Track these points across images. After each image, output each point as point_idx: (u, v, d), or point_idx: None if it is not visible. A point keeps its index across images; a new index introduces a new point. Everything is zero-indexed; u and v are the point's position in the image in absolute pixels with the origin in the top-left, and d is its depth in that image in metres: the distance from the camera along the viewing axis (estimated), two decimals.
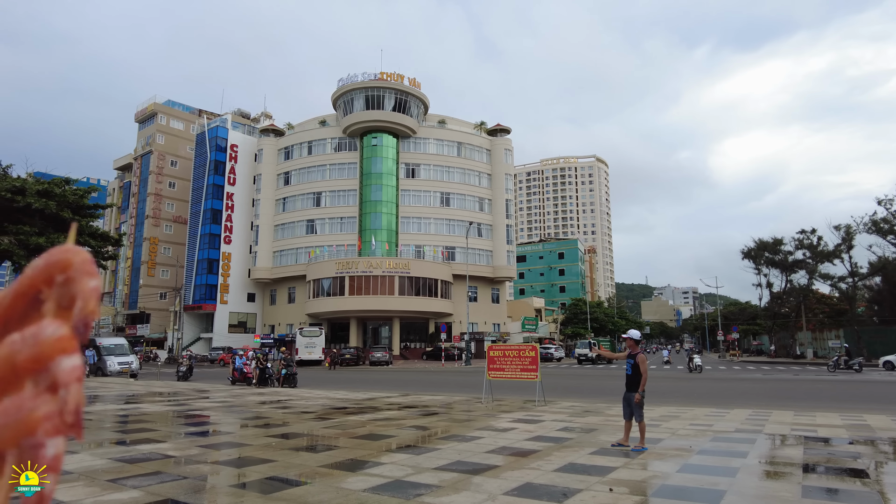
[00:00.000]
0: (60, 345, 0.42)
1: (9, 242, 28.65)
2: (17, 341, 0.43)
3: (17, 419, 0.41)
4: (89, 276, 0.46)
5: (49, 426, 0.41)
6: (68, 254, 0.46)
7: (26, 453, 0.42)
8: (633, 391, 9.74)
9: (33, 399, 0.42)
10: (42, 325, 0.43)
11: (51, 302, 0.45)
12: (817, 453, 9.25)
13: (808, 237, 60.33)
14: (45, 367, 0.42)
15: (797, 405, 16.81)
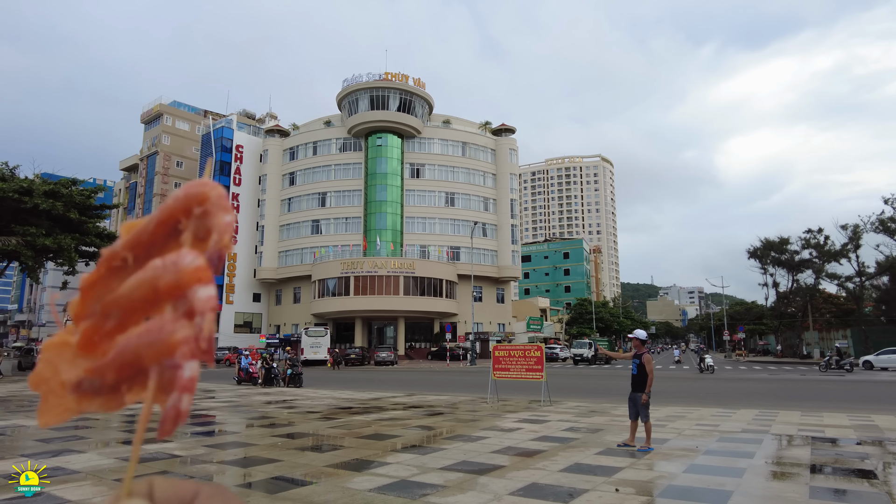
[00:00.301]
0: (197, 274, 0.45)
1: (16, 243, 28.77)
2: (159, 266, 0.45)
3: (159, 339, 0.44)
4: (225, 211, 0.48)
5: (186, 349, 0.43)
6: (205, 187, 0.48)
7: (166, 372, 0.43)
8: (639, 391, 9.71)
9: (173, 322, 0.44)
10: (181, 254, 0.46)
11: (188, 232, 0.47)
12: (825, 454, 9.20)
13: (815, 236, 60.04)
14: (183, 293, 0.44)
15: (804, 405, 16.73)
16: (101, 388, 0.47)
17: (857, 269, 57.28)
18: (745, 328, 75.94)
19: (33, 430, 11.88)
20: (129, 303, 0.47)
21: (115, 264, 0.49)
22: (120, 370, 0.46)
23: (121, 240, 0.50)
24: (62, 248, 31.05)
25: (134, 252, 0.49)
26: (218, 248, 0.48)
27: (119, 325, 0.47)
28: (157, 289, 0.45)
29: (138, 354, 0.45)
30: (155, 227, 0.49)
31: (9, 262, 33.44)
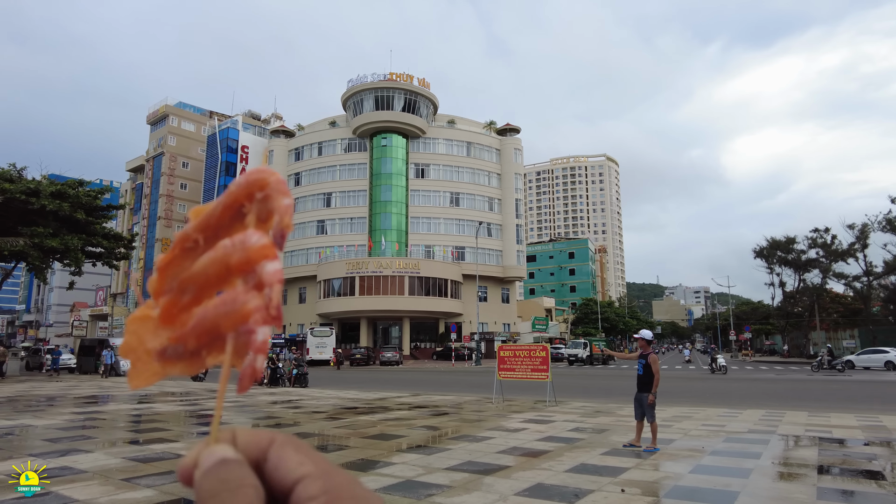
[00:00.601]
0: (264, 252, 0.50)
1: (24, 244, 28.91)
2: (229, 246, 0.51)
3: (234, 309, 0.49)
4: (284, 195, 0.52)
5: (258, 317, 0.49)
6: (265, 174, 0.52)
7: (241, 337, 0.49)
8: (645, 391, 9.69)
9: (245, 294, 0.49)
10: (248, 234, 0.51)
11: (251, 215, 0.52)
12: (832, 454, 9.16)
13: (822, 236, 59.69)
14: (252, 269, 0.49)
15: (811, 406, 16.66)
16: (183, 353, 0.53)
17: (865, 269, 56.92)
18: (751, 328, 75.51)
19: (41, 429, 11.95)
20: (203, 279, 0.52)
21: (187, 245, 0.55)
22: (199, 337, 0.51)
23: (191, 223, 0.55)
24: (69, 249, 31.19)
25: (204, 234, 0.54)
26: (280, 227, 0.52)
27: (194, 298, 0.53)
28: (228, 265, 0.51)
29: (216, 323, 0.50)
30: (221, 211, 0.54)
31: (16, 263, 33.62)
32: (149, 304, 0.56)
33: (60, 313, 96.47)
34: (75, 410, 15.62)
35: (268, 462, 0.46)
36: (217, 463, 0.45)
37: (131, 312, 0.49)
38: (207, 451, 0.46)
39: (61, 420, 13.45)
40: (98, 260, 35.85)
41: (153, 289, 0.56)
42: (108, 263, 36.69)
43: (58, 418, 13.76)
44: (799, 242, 61.88)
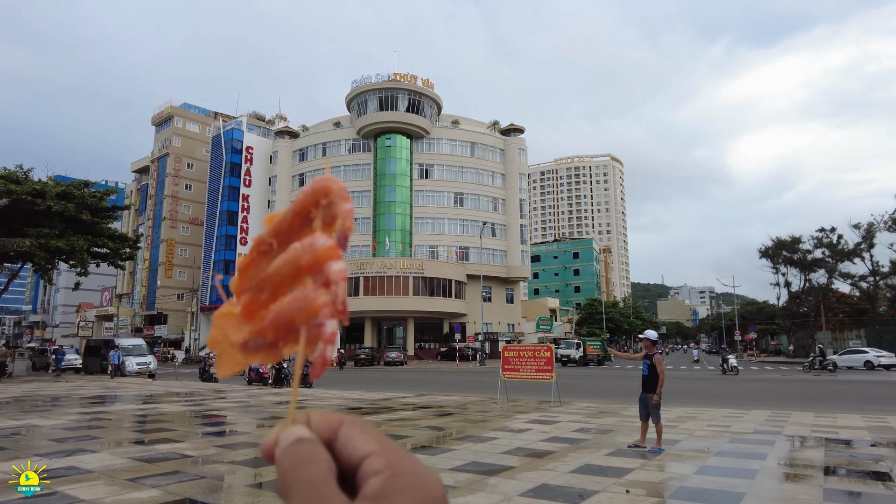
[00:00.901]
0: (330, 253, 0.55)
1: (30, 244, 29.03)
2: (299, 248, 0.57)
3: (306, 304, 0.55)
4: (345, 200, 0.59)
5: (326, 311, 0.54)
6: (328, 182, 0.59)
7: (312, 329, 0.55)
8: (650, 392, 9.66)
9: (314, 291, 0.55)
10: (315, 237, 0.57)
11: (318, 220, 0.59)
12: (839, 455, 9.11)
13: (828, 236, 59.48)
14: (320, 268, 0.55)
15: (818, 406, 16.59)
16: (263, 345, 0.59)
17: (871, 269, 56.70)
18: (756, 328, 75.28)
19: (47, 429, 12.00)
20: (278, 278, 0.58)
21: (263, 249, 0.61)
22: (276, 330, 0.58)
23: (266, 229, 0.62)
24: (74, 250, 31.31)
25: (277, 238, 0.61)
26: (343, 230, 0.58)
27: (271, 296, 0.60)
28: (299, 266, 0.57)
29: (291, 318, 0.56)
30: (292, 217, 0.60)
31: (23, 264, 33.77)
32: (231, 302, 0.62)
33: (66, 314, 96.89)
34: (81, 411, 15.67)
35: (338, 441, 0.51)
36: (295, 441, 0.50)
37: (136, 313, 0.54)
38: (286, 431, 0.52)
39: (67, 420, 13.50)
40: (103, 260, 35.96)
41: (235, 288, 0.62)
42: (113, 264, 36.82)
43: (64, 418, 13.81)
44: (804, 242, 61.72)
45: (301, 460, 0.48)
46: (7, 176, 30.89)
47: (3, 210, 28.25)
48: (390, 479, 0.48)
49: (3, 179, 29.99)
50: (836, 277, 60.10)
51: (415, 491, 0.48)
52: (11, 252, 29.68)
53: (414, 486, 0.48)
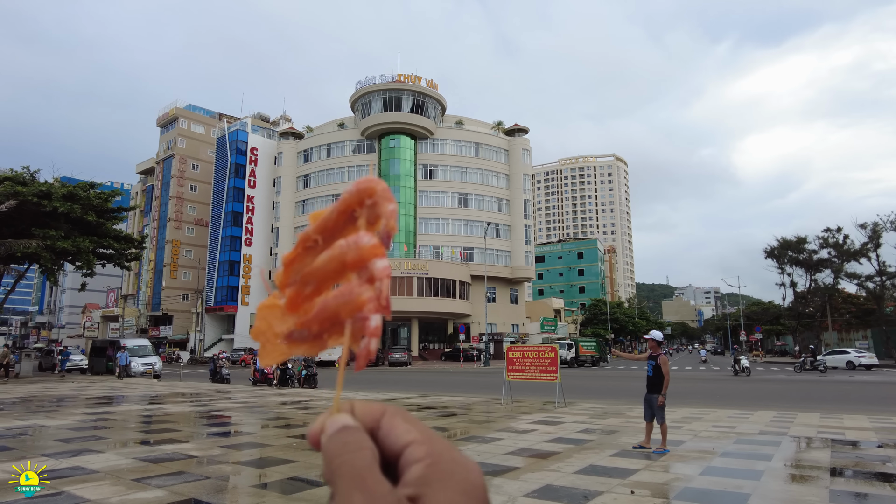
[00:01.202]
0: (374, 250, 0.58)
1: (36, 246, 29.19)
2: (344, 245, 0.60)
3: (351, 298, 0.57)
4: (389, 201, 0.61)
5: (371, 306, 0.56)
6: (372, 183, 0.62)
7: (357, 322, 0.57)
8: (655, 393, 9.64)
9: (359, 286, 0.58)
10: (360, 235, 0.60)
11: (362, 219, 0.61)
12: (845, 457, 9.07)
13: (834, 235, 59.21)
14: (365, 265, 0.58)
15: (824, 407, 16.51)
16: (307, 336, 0.62)
17: (878, 269, 56.37)
18: (761, 329, 74.95)
19: (53, 429, 12.05)
20: (323, 273, 0.61)
21: (308, 245, 0.64)
22: (322, 323, 0.60)
23: (311, 226, 0.64)
24: (80, 251, 31.46)
25: (322, 235, 0.63)
26: (386, 229, 0.60)
27: (315, 290, 0.62)
28: (344, 262, 0.59)
29: (336, 311, 0.59)
30: (336, 215, 0.62)
31: (29, 265, 33.94)
32: (275, 295, 0.65)
33: (72, 314, 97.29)
34: (87, 411, 15.73)
35: (380, 429, 0.53)
36: (341, 429, 0.52)
37: (142, 314, 0.55)
38: (332, 419, 0.54)
39: (73, 420, 13.56)
40: (109, 261, 36.12)
41: (279, 281, 0.65)
42: (118, 265, 36.98)
43: (70, 419, 13.87)
44: (810, 242, 61.46)
45: (347, 447, 0.50)
46: (14, 177, 31.07)
47: (9, 211, 28.41)
48: (432, 467, 0.49)
49: (10, 181, 30.17)
50: (842, 277, 59.81)
51: (456, 478, 0.49)
52: (18, 253, 29.85)
53: (455, 473, 0.49)
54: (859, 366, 41.90)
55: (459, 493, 0.48)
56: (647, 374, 9.89)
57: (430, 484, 0.48)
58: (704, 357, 59.76)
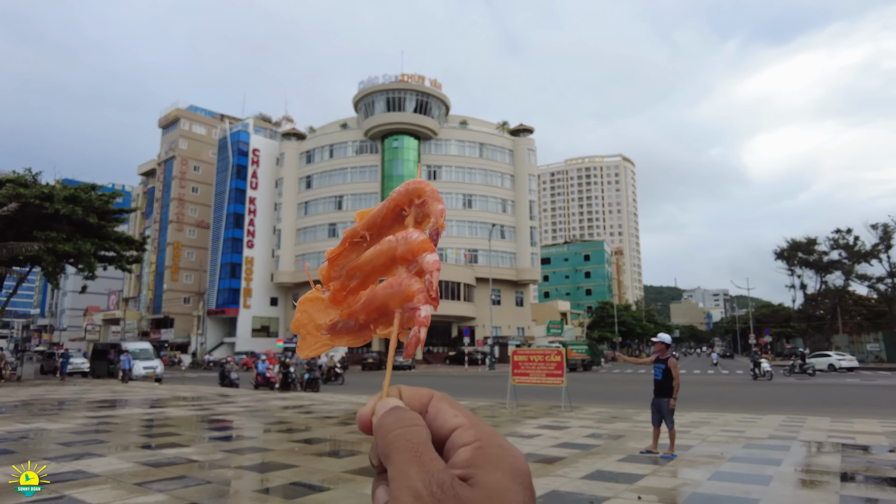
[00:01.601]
0: (424, 245, 0.62)
1: (38, 248, 29.21)
2: (393, 240, 0.64)
3: (401, 289, 0.61)
4: (438, 201, 0.65)
5: (421, 296, 0.60)
6: (421, 184, 0.66)
7: (407, 312, 0.60)
8: (663, 397, 9.51)
9: (409, 278, 0.61)
10: (409, 232, 0.64)
11: (410, 217, 0.66)
12: (856, 461, 8.93)
13: (844, 237, 58.88)
14: (414, 259, 0.62)
15: (834, 411, 16.35)
16: (353, 327, 0.66)
17: (889, 270, 55.97)
18: (771, 331, 74.58)
19: (55, 433, 11.98)
20: (370, 267, 0.65)
21: (355, 240, 0.68)
22: (370, 313, 0.64)
23: (359, 223, 0.68)
24: (82, 253, 31.48)
25: (370, 231, 0.67)
26: (436, 227, 0.64)
27: (361, 283, 0.67)
28: (393, 256, 0.63)
29: (385, 302, 0.62)
30: (385, 213, 0.67)
31: (31, 268, 33.96)
32: (317, 289, 0.69)
33: (74, 317, 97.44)
34: (88, 414, 15.67)
35: (427, 413, 0.55)
36: (393, 408, 0.54)
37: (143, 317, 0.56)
38: (382, 402, 0.56)
39: (75, 424, 13.49)
40: (110, 264, 36.11)
41: (324, 276, 0.69)
42: (120, 267, 36.97)
43: (71, 422, 13.80)
44: (820, 243, 61.14)
45: (403, 422, 0.51)
46: (16, 179, 31.13)
47: (12, 214, 28.43)
48: (480, 450, 0.51)
49: (13, 183, 30.22)
50: (852, 279, 59.45)
51: (503, 462, 0.50)
52: (20, 256, 29.88)
53: (502, 458, 0.51)
54: (840, 368, 43.80)
55: (508, 477, 0.49)
56: (655, 378, 9.75)
57: (480, 466, 0.49)
58: (716, 360, 59.48)
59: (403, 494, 0.46)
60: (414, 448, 0.49)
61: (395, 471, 0.48)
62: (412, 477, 0.47)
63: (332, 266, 0.68)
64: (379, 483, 0.53)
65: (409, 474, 0.47)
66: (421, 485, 0.46)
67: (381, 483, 0.52)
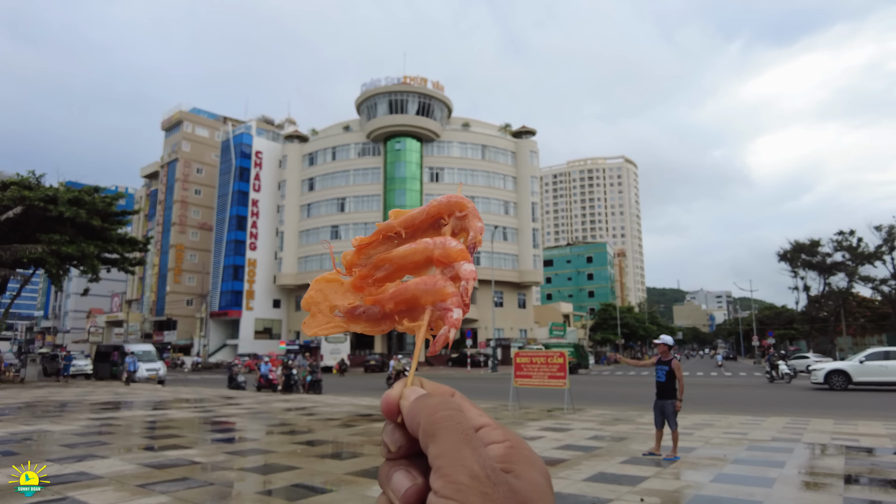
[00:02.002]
0: (462, 254, 0.64)
1: (42, 251, 29.29)
2: (431, 243, 0.66)
3: (436, 288, 0.62)
4: (479, 220, 0.68)
5: (455, 299, 0.62)
6: (464, 200, 0.69)
7: (438, 311, 0.61)
8: (666, 398, 9.49)
9: (444, 280, 0.63)
10: (447, 239, 0.66)
11: (448, 227, 0.68)
12: (860, 464, 8.90)
13: (847, 238, 58.70)
14: (451, 264, 0.64)
15: (838, 413, 16.29)
16: (377, 314, 0.67)
17: (893, 272, 55.80)
18: (774, 333, 74.42)
19: (58, 435, 12.00)
20: (402, 261, 0.67)
21: (389, 234, 0.69)
22: (398, 304, 0.65)
23: (396, 219, 0.70)
24: (85, 256, 31.56)
25: (406, 230, 0.69)
26: (473, 241, 0.67)
27: (387, 276, 0.67)
28: (430, 257, 0.65)
29: (416, 296, 0.64)
30: (425, 217, 0.69)
31: (35, 270, 34.05)
32: (338, 271, 0.70)
33: (77, 319, 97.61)
34: (91, 416, 15.70)
35: None
36: (426, 394, 0.54)
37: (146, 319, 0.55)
38: (411, 389, 0.55)
39: (78, 426, 13.51)
40: (113, 266, 36.20)
41: (348, 261, 0.70)
42: (123, 269, 37.06)
43: (74, 424, 13.83)
44: (824, 245, 60.97)
45: (449, 405, 0.51)
46: (20, 182, 31.25)
47: (16, 217, 28.53)
48: (513, 449, 0.51)
49: (17, 186, 30.34)
50: (856, 281, 59.28)
51: (536, 463, 0.50)
52: (24, 259, 29.96)
53: (534, 458, 0.51)
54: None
55: (542, 476, 0.49)
56: (658, 380, 9.73)
57: (515, 463, 0.49)
58: (721, 362, 59.46)
59: (459, 473, 0.45)
60: (464, 431, 0.48)
61: (446, 449, 0.47)
62: (467, 457, 0.46)
63: (359, 253, 0.69)
64: (396, 468, 0.52)
65: (463, 454, 0.46)
66: (477, 466, 0.46)
67: (399, 468, 0.51)
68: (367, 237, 0.70)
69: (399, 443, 0.53)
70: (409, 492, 0.50)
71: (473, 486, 0.45)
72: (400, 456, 0.53)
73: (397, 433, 0.54)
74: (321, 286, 0.69)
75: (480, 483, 0.45)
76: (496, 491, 0.45)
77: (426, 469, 0.49)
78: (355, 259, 0.69)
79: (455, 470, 0.46)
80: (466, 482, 0.45)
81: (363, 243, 0.69)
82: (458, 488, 0.45)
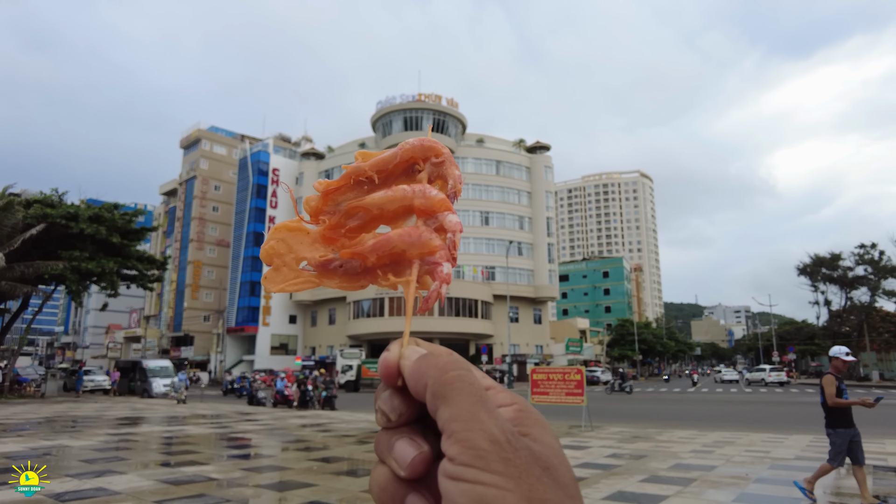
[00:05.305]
0: (445, 204, 0.58)
1: (63, 267, 29.71)
2: (409, 190, 0.59)
3: (421, 241, 0.57)
4: (456, 167, 0.62)
5: (443, 253, 0.56)
6: (439, 145, 0.61)
7: (426, 265, 0.56)
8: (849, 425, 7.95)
9: (429, 232, 0.57)
10: (426, 187, 0.59)
11: (424, 173, 0.61)
12: (888, 484, 8.66)
13: (869, 252, 57.74)
14: (434, 215, 0.58)
15: (865, 431, 15.85)
16: (356, 268, 0.61)
17: None
18: (795, 349, 73.09)
19: (77, 450, 12.06)
20: (378, 211, 0.60)
21: (360, 179, 0.61)
22: (381, 258, 0.59)
23: (366, 162, 0.62)
24: (105, 272, 31.96)
25: (379, 175, 0.61)
26: (454, 190, 0.60)
27: (361, 226, 0.61)
28: (409, 207, 0.59)
29: (402, 249, 0.58)
30: (398, 161, 0.61)
31: (56, 286, 34.53)
32: (301, 219, 0.63)
33: (96, 335, 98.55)
34: (109, 432, 15.76)
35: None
36: (429, 353, 0.50)
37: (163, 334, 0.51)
38: (409, 349, 0.52)
39: (96, 441, 13.57)
40: (132, 282, 36.62)
41: (313, 207, 0.62)
42: (141, 286, 37.47)
43: (93, 439, 13.89)
44: (845, 259, 59.98)
45: (460, 364, 0.48)
46: (43, 200, 31.80)
47: (38, 234, 29.00)
48: (523, 412, 0.47)
49: (40, 203, 30.87)
50: (879, 295, 58.15)
51: (547, 427, 0.48)
52: (46, 275, 30.39)
53: (546, 424, 0.48)
54: (770, 383, 51.09)
55: (554, 439, 0.47)
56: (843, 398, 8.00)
57: (531, 426, 0.46)
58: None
59: (478, 437, 0.42)
60: (479, 392, 0.45)
61: (461, 412, 0.43)
62: (485, 420, 0.43)
63: (326, 200, 0.62)
64: (398, 436, 0.48)
65: (480, 417, 0.43)
66: (497, 430, 0.42)
67: (402, 436, 0.48)
68: (334, 181, 0.62)
69: (399, 410, 0.49)
70: (416, 460, 0.47)
71: (495, 452, 0.42)
72: (400, 424, 0.49)
73: (396, 399, 0.50)
74: (283, 235, 0.62)
75: (502, 448, 0.42)
76: (518, 456, 0.42)
77: (427, 436, 0.47)
78: (321, 206, 0.62)
79: (474, 434, 0.42)
80: (487, 447, 0.42)
81: (330, 188, 0.62)
82: (478, 454, 0.42)
